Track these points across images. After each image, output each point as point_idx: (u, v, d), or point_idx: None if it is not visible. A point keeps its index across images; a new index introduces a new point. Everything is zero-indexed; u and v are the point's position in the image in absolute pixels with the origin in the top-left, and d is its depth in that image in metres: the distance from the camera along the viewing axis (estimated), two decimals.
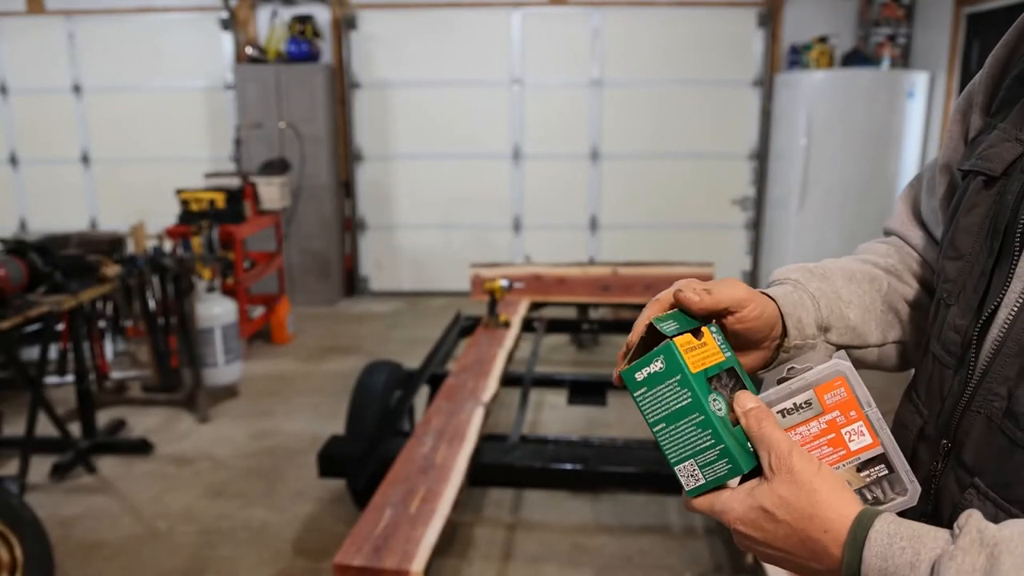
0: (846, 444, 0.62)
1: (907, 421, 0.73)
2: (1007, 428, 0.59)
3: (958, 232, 0.68)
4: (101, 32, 6.47)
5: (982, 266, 0.65)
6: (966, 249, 0.67)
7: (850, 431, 0.62)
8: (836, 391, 0.63)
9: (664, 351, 0.63)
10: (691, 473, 0.64)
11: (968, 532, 0.52)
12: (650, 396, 0.64)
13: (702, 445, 0.63)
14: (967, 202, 0.68)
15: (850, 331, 0.77)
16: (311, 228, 6.25)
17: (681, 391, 0.63)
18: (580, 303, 4.82)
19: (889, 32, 6.01)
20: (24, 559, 2.32)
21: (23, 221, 6.87)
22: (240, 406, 4.24)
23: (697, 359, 0.64)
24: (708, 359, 0.65)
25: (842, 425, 0.62)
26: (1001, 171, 0.65)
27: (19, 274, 3.00)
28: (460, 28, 6.32)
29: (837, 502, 0.58)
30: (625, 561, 2.78)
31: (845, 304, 0.77)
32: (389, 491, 2.16)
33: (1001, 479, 0.60)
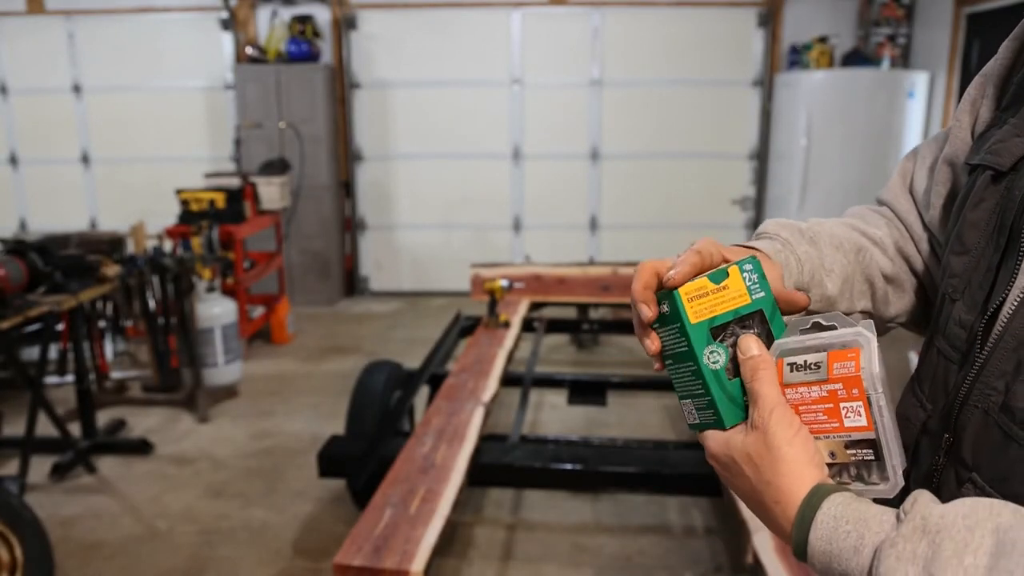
0: (841, 419, 0.60)
1: (911, 415, 0.72)
2: (1003, 422, 0.59)
3: (965, 227, 0.68)
4: (101, 32, 6.48)
5: (988, 261, 0.64)
6: (972, 244, 0.66)
7: (848, 408, 0.60)
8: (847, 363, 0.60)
9: (668, 298, 0.65)
10: (689, 411, 0.67)
11: (912, 518, 0.52)
12: (662, 332, 0.67)
13: (696, 391, 0.65)
14: (974, 197, 0.68)
15: (825, 300, 0.77)
16: (311, 228, 6.25)
17: (680, 338, 0.65)
18: (580, 303, 4.82)
19: (889, 32, 6.01)
20: (24, 559, 2.32)
21: (23, 221, 6.87)
22: (240, 406, 4.24)
23: (704, 307, 0.64)
24: (721, 306, 0.65)
25: (842, 399, 0.60)
26: (1009, 166, 0.64)
27: (19, 274, 3.00)
28: (460, 28, 6.33)
29: (797, 475, 0.58)
30: (625, 561, 2.78)
31: (827, 272, 0.77)
32: (389, 491, 2.16)
33: (997, 474, 0.59)
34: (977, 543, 0.48)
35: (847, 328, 0.61)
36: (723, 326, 0.64)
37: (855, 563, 0.53)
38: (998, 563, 0.46)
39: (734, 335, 0.65)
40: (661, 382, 3.88)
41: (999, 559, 0.47)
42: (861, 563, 0.53)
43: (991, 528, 0.48)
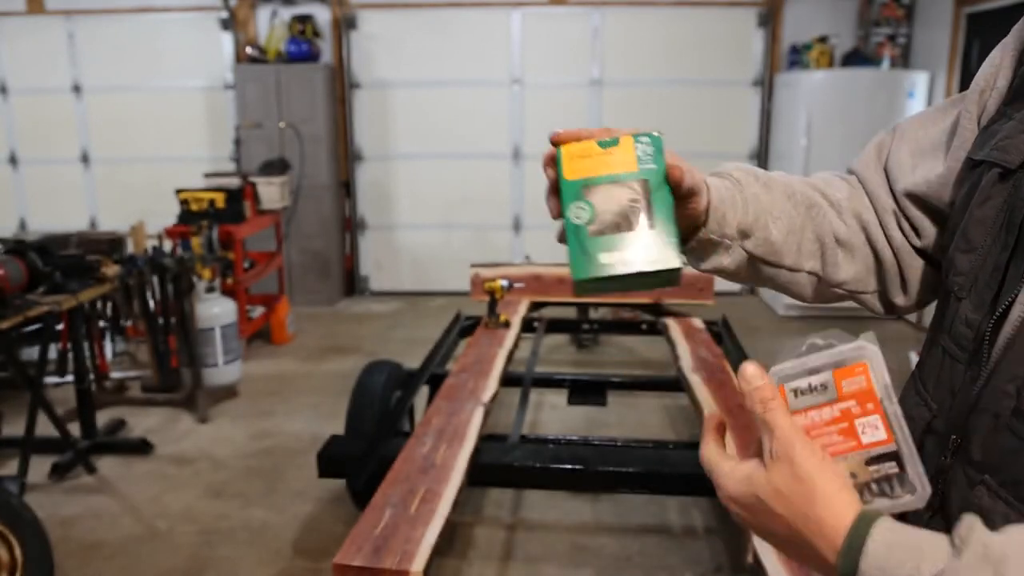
0: (858, 436, 0.58)
1: (914, 414, 0.70)
2: (1015, 427, 0.58)
3: (971, 224, 0.67)
4: (101, 32, 6.47)
5: (995, 260, 0.63)
6: (979, 242, 0.66)
7: (864, 423, 0.58)
8: (856, 378, 0.58)
9: (556, 156, 0.67)
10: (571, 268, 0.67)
11: (972, 546, 0.50)
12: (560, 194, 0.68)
13: (567, 246, 0.66)
14: (981, 193, 0.66)
15: (768, 245, 0.77)
16: (311, 228, 6.25)
17: (559, 196, 0.66)
18: (580, 303, 4.81)
19: (889, 32, 6.01)
20: (24, 559, 2.31)
21: (23, 221, 6.87)
22: (240, 406, 4.24)
23: (583, 167, 0.65)
24: (604, 168, 0.65)
25: (857, 416, 0.58)
26: (1018, 164, 0.63)
27: (19, 274, 3.00)
28: (460, 28, 6.33)
29: (835, 504, 0.55)
30: (625, 561, 2.77)
31: (773, 219, 0.77)
32: (389, 491, 2.15)
33: (1011, 478, 0.59)
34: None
35: (847, 344, 0.59)
36: (603, 187, 0.65)
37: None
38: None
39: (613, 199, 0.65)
40: (661, 382, 3.88)
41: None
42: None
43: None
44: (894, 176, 0.81)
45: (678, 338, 3.70)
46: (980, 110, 0.74)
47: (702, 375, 3.12)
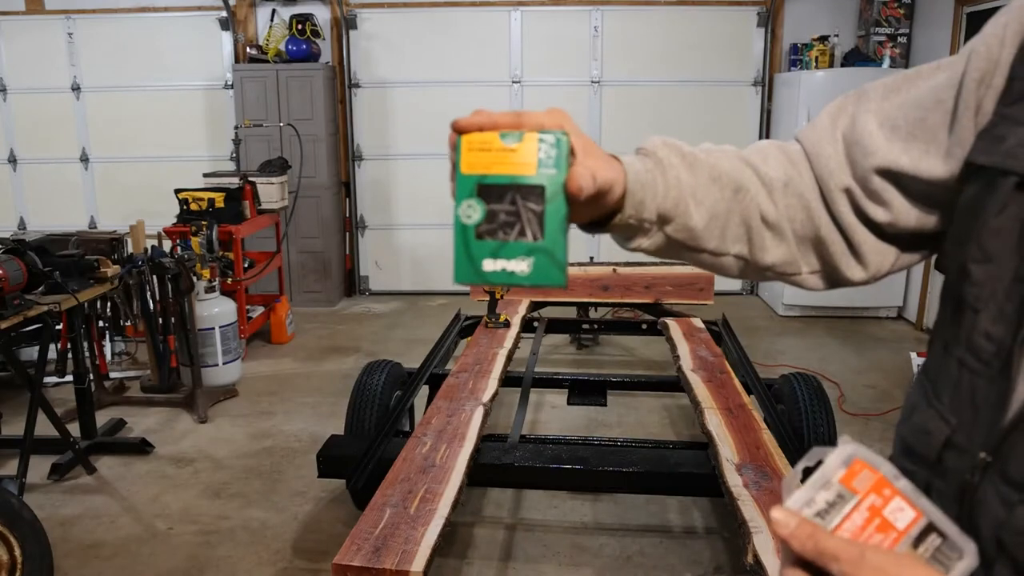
0: (893, 525, 0.57)
1: (931, 428, 0.68)
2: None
3: (986, 234, 0.64)
4: (101, 32, 6.47)
5: (1015, 271, 0.61)
6: (995, 252, 0.63)
7: (892, 509, 0.58)
8: (861, 475, 0.58)
9: (457, 141, 0.62)
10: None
11: None
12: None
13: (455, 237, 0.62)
14: (996, 202, 0.63)
15: (688, 231, 0.74)
16: (311, 228, 6.25)
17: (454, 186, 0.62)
18: (580, 303, 4.81)
19: (889, 32, 6.01)
20: (23, 559, 2.31)
21: (23, 221, 6.87)
22: (239, 406, 4.23)
23: (482, 161, 0.61)
24: (500, 167, 0.61)
25: (882, 507, 0.58)
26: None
27: (18, 274, 2.99)
28: (460, 28, 6.32)
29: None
30: (625, 561, 2.77)
31: (696, 204, 0.73)
32: (389, 491, 2.15)
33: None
34: None
35: (833, 453, 0.60)
36: (500, 188, 0.61)
37: None
38: None
39: (506, 201, 0.61)
40: (661, 382, 3.87)
41: None
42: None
43: None
44: (863, 147, 0.76)
45: (678, 338, 3.70)
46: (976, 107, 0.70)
47: (702, 375, 3.12)
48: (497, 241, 0.61)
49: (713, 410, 2.77)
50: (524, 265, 0.61)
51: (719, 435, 2.54)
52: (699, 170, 0.74)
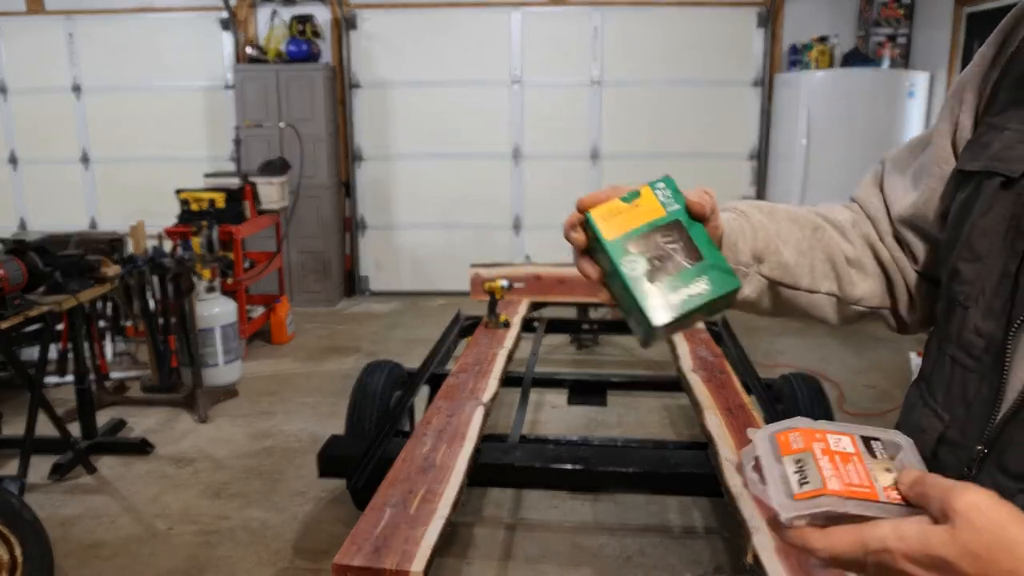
0: (847, 453, 0.61)
1: (925, 425, 0.71)
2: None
3: (975, 234, 0.67)
4: (101, 32, 6.48)
5: (1002, 268, 0.64)
6: (984, 251, 0.66)
7: (834, 444, 0.62)
8: (792, 438, 0.63)
9: (586, 223, 0.71)
10: (635, 326, 0.70)
11: None
12: (598, 258, 0.71)
13: (629, 303, 0.68)
14: (983, 204, 0.67)
15: (782, 267, 0.79)
16: (311, 228, 6.25)
17: (603, 256, 0.69)
18: (580, 303, 4.81)
19: (889, 32, 6.01)
20: (24, 559, 2.31)
21: (23, 221, 6.87)
22: (240, 406, 4.24)
23: (620, 224, 0.69)
24: (637, 220, 0.69)
25: (828, 446, 0.62)
26: (1021, 172, 0.64)
27: (19, 274, 3.00)
28: (460, 28, 6.33)
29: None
30: (625, 561, 2.77)
31: (783, 242, 0.79)
32: (389, 491, 2.15)
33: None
34: None
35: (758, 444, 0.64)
36: (644, 237, 0.68)
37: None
38: None
39: (656, 246, 0.68)
40: (661, 382, 3.88)
41: None
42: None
43: None
44: (890, 202, 0.84)
45: (678, 338, 3.70)
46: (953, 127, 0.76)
47: (702, 375, 3.12)
48: (668, 277, 0.67)
49: (713, 410, 2.77)
50: (702, 284, 0.67)
51: (719, 435, 2.54)
52: (777, 215, 0.81)
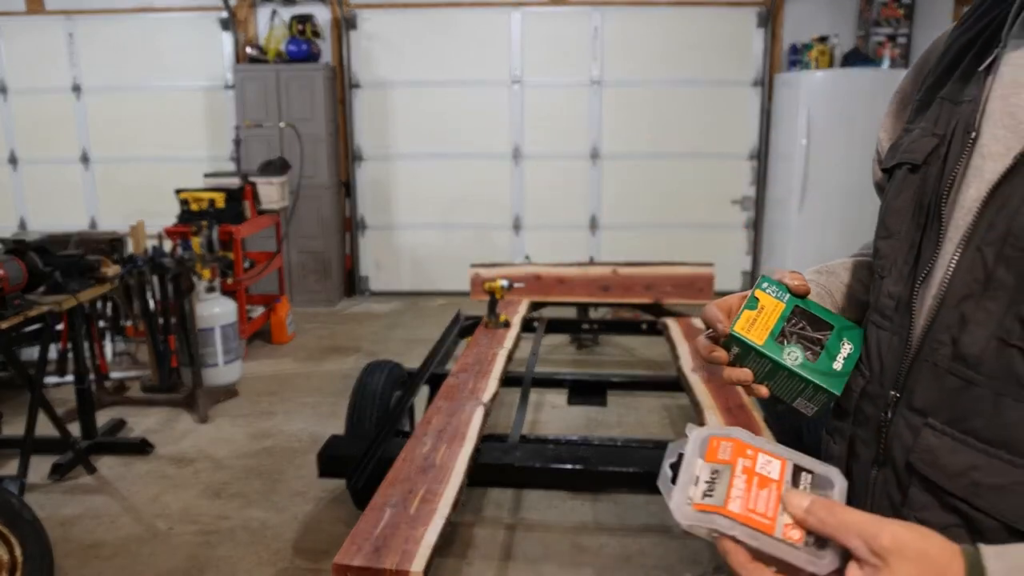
0: (769, 478, 0.63)
1: (851, 383, 0.81)
2: (956, 370, 0.68)
3: (889, 214, 0.81)
4: (101, 32, 6.47)
5: (911, 240, 0.76)
6: (896, 228, 0.79)
7: (761, 465, 0.63)
8: (722, 447, 0.65)
9: (733, 340, 0.80)
10: (804, 406, 0.81)
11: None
12: (748, 364, 0.81)
13: (799, 388, 0.79)
14: (894, 189, 0.81)
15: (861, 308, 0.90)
16: (311, 228, 6.25)
17: (762, 360, 0.79)
18: (580, 303, 4.81)
19: (889, 32, 6.01)
20: (24, 559, 2.31)
21: (23, 221, 6.87)
22: (240, 406, 4.24)
23: (761, 328, 0.80)
24: (771, 319, 0.80)
25: (753, 467, 0.63)
26: (922, 160, 0.77)
27: (19, 274, 3.00)
28: (460, 28, 6.32)
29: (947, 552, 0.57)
30: (625, 561, 2.77)
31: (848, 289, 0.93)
32: (389, 491, 2.15)
33: (956, 415, 0.68)
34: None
35: (688, 443, 0.66)
36: (783, 332, 0.80)
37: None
38: None
39: (793, 334, 0.80)
40: (661, 382, 3.88)
41: None
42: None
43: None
44: None
45: (678, 338, 3.70)
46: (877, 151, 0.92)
47: (702, 375, 3.12)
48: (823, 351, 0.79)
49: (713, 410, 2.77)
50: (847, 347, 0.80)
51: None
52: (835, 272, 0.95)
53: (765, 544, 0.60)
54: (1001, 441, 0.64)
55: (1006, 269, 0.65)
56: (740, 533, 0.61)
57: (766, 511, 0.61)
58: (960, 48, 0.81)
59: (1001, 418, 0.64)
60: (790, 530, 0.60)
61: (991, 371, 0.65)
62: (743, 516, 0.61)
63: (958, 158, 0.72)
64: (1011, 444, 0.64)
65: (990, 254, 0.66)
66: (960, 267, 0.69)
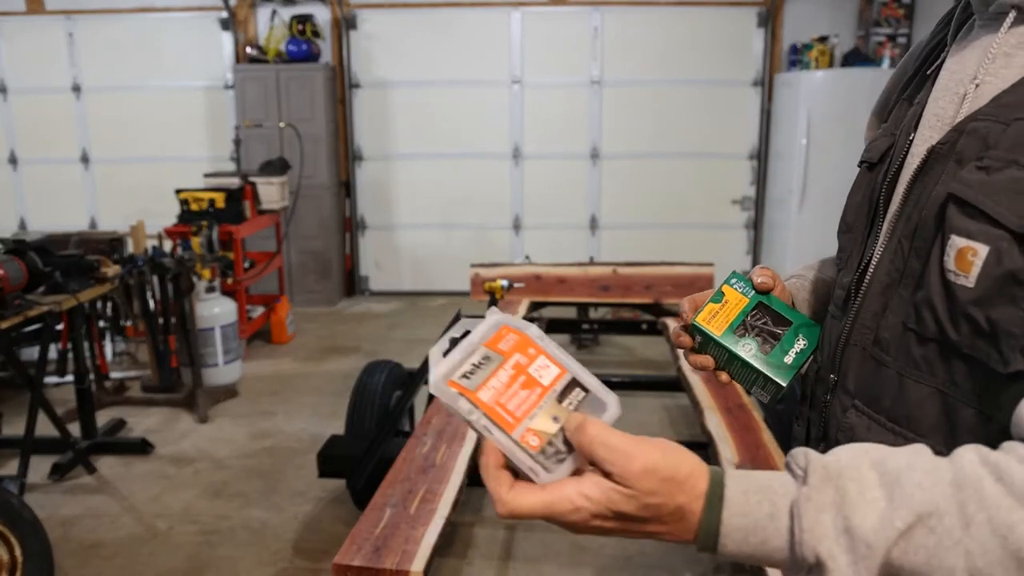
0: (538, 381, 0.61)
1: (809, 371, 0.87)
2: (875, 353, 0.73)
3: (848, 210, 0.86)
4: (101, 32, 6.47)
5: (862, 234, 0.81)
6: (852, 223, 0.84)
7: (537, 367, 0.62)
8: (507, 338, 0.63)
9: (694, 330, 0.87)
10: (759, 393, 0.86)
11: (815, 470, 0.58)
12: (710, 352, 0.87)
13: (752, 377, 0.84)
14: (854, 186, 0.86)
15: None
16: (311, 228, 6.25)
17: (720, 349, 0.85)
18: (580, 303, 4.81)
19: (889, 32, 6.01)
20: (24, 559, 2.31)
21: (23, 221, 6.87)
22: (240, 406, 4.24)
23: (721, 321, 0.85)
24: (732, 313, 0.86)
25: (527, 365, 0.62)
26: (878, 158, 0.82)
27: (19, 274, 3.00)
28: (460, 28, 6.32)
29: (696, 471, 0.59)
30: (625, 561, 2.77)
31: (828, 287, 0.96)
32: (389, 491, 2.15)
33: (872, 395, 0.74)
34: (867, 478, 0.57)
35: (482, 324, 0.64)
36: (743, 324, 0.85)
37: (773, 528, 0.58)
38: (892, 492, 0.55)
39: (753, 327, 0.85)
40: (661, 382, 3.88)
41: (891, 488, 0.56)
42: (779, 526, 0.58)
43: (869, 464, 0.58)
44: None
45: None
46: None
47: (702, 375, 3.12)
48: (777, 345, 0.84)
49: (713, 410, 2.77)
50: (801, 342, 0.85)
51: (719, 435, 2.55)
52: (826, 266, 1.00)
53: (499, 439, 0.59)
54: (905, 418, 0.70)
55: (916, 259, 0.70)
56: (476, 420, 0.59)
57: (515, 410, 0.60)
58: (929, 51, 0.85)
59: (904, 396, 0.70)
60: (530, 435, 0.59)
61: (896, 353, 0.71)
62: (488, 407, 0.59)
63: (899, 157, 0.77)
64: (912, 421, 0.69)
65: (906, 245, 0.71)
66: (883, 258, 0.74)
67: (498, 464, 0.60)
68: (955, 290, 0.64)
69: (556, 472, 0.59)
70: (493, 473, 0.60)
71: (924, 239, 0.69)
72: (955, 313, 0.65)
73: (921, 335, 0.68)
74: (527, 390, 0.61)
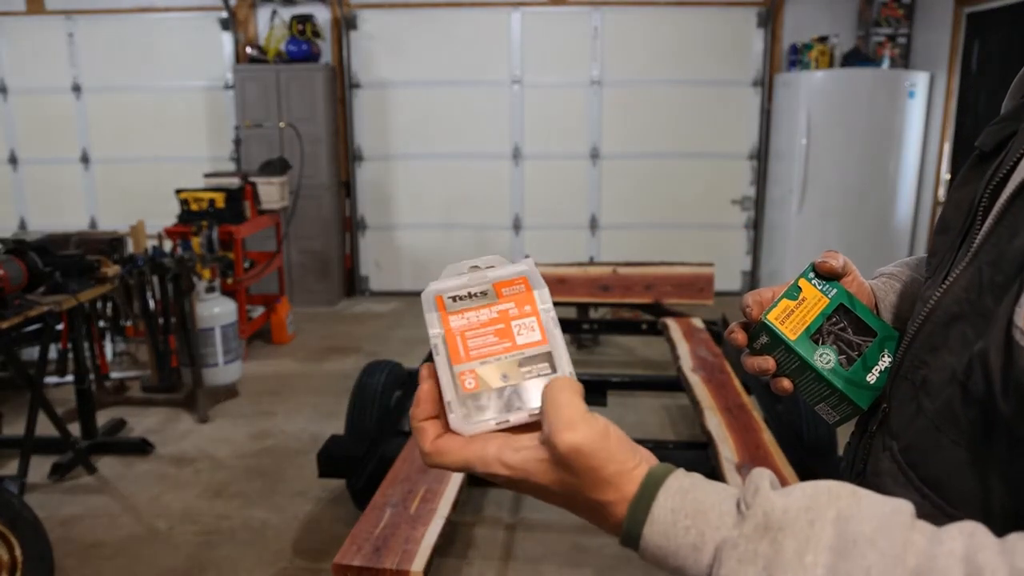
0: (513, 337, 0.59)
1: None
2: (919, 395, 0.60)
3: (949, 207, 0.68)
4: (101, 32, 6.47)
5: (955, 240, 0.64)
6: (951, 222, 0.67)
7: (520, 325, 0.59)
8: (515, 286, 0.61)
9: (763, 328, 0.72)
10: (826, 412, 0.73)
11: (754, 515, 0.49)
12: (775, 356, 0.73)
13: (825, 393, 0.71)
14: (961, 177, 0.68)
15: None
16: (311, 228, 6.25)
17: (791, 356, 0.72)
18: (580, 303, 4.82)
19: (889, 32, 6.01)
20: (24, 559, 2.32)
21: (23, 221, 6.87)
22: (240, 406, 4.24)
23: (796, 323, 0.72)
24: (809, 314, 0.72)
25: (514, 317, 0.60)
26: (991, 147, 0.65)
27: (19, 274, 3.00)
28: (460, 28, 6.33)
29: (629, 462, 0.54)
30: (625, 561, 2.77)
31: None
32: (389, 491, 2.16)
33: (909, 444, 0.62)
34: (817, 537, 0.47)
35: (510, 267, 0.62)
36: (820, 329, 0.72)
37: (693, 560, 0.50)
38: (838, 563, 0.45)
39: (831, 333, 0.72)
40: (661, 382, 3.88)
41: (839, 557, 0.45)
42: (700, 561, 0.50)
43: (831, 518, 0.47)
44: None
45: (678, 338, 3.71)
46: None
47: (702, 375, 3.12)
48: (860, 359, 0.71)
49: (713, 410, 2.77)
50: (887, 358, 0.71)
51: (719, 435, 2.55)
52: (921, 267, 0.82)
53: (440, 363, 0.57)
54: (935, 482, 0.58)
55: (991, 295, 0.55)
56: (434, 337, 0.58)
57: (472, 348, 0.58)
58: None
59: (939, 456, 0.58)
60: (469, 376, 0.57)
61: (939, 403, 0.58)
62: (451, 333, 0.58)
63: (1016, 153, 0.60)
64: (943, 488, 0.58)
65: (987, 274, 0.56)
66: (958, 280, 0.59)
67: (425, 415, 0.57)
68: (1017, 353, 0.50)
69: (470, 424, 0.55)
70: (419, 425, 0.57)
71: (1006, 273, 0.54)
72: (1008, 380, 0.51)
73: (968, 392, 0.55)
74: (497, 338, 0.59)
